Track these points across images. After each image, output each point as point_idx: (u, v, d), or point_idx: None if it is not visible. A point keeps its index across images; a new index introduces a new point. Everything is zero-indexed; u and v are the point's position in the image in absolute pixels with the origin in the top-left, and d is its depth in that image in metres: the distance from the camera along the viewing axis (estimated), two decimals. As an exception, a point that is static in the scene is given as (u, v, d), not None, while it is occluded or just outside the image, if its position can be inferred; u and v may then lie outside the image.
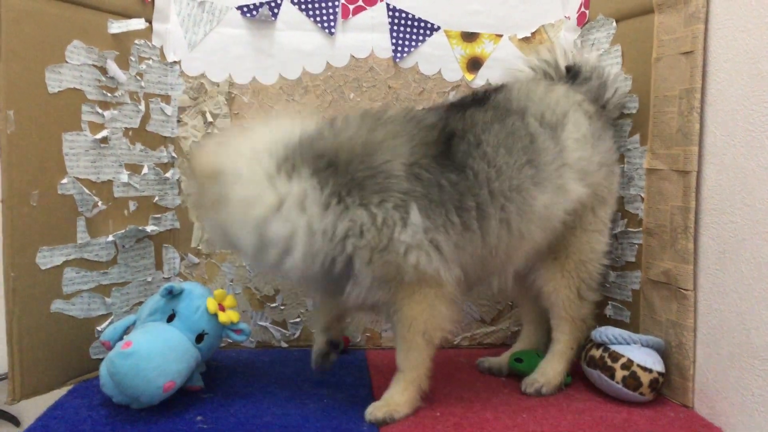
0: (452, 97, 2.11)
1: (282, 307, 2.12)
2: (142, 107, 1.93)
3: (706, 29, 1.60)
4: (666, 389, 1.70)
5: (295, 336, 2.14)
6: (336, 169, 1.49)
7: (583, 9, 2.07)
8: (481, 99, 1.72)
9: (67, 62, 1.69)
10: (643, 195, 1.80)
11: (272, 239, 1.48)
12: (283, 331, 2.13)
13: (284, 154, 1.50)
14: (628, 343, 1.68)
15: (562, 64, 1.87)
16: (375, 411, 1.55)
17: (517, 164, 1.59)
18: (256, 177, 1.48)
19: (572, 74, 1.85)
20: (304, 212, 1.47)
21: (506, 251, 1.63)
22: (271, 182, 1.48)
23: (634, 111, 1.84)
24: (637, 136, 1.83)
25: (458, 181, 1.54)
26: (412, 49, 2.11)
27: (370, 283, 1.52)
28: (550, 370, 1.76)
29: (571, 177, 1.66)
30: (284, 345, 2.13)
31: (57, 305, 1.70)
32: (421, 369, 1.59)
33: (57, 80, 1.67)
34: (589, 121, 1.74)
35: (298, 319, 2.13)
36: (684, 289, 1.63)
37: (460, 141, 1.58)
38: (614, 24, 1.93)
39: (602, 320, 1.90)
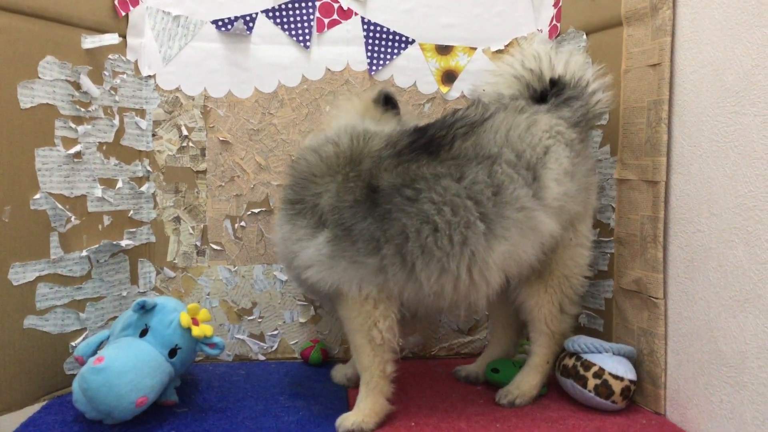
0: (427, 109, 2.13)
1: (259, 320, 2.12)
2: (117, 121, 1.93)
3: (672, 42, 1.62)
4: (638, 397, 1.72)
5: (273, 348, 2.13)
6: (292, 186, 1.69)
7: (554, 22, 2.10)
8: (438, 146, 1.60)
9: (39, 78, 1.69)
10: (614, 205, 1.82)
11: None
12: (261, 343, 2.13)
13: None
14: (599, 352, 1.69)
15: (548, 76, 1.77)
16: (343, 421, 1.56)
17: (463, 222, 1.54)
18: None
19: (556, 90, 1.76)
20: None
21: (460, 293, 1.61)
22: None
23: (604, 122, 1.87)
24: (607, 147, 1.86)
25: (376, 231, 1.55)
26: (387, 62, 2.13)
27: (312, 290, 1.70)
28: (525, 383, 1.76)
29: (545, 216, 1.62)
30: (261, 358, 2.13)
31: (30, 321, 1.69)
32: (373, 369, 1.60)
33: (29, 96, 1.67)
34: (569, 150, 1.67)
35: (275, 332, 2.13)
36: (654, 298, 1.65)
37: (393, 193, 1.56)
38: (585, 36, 1.96)
39: (576, 329, 1.91)
